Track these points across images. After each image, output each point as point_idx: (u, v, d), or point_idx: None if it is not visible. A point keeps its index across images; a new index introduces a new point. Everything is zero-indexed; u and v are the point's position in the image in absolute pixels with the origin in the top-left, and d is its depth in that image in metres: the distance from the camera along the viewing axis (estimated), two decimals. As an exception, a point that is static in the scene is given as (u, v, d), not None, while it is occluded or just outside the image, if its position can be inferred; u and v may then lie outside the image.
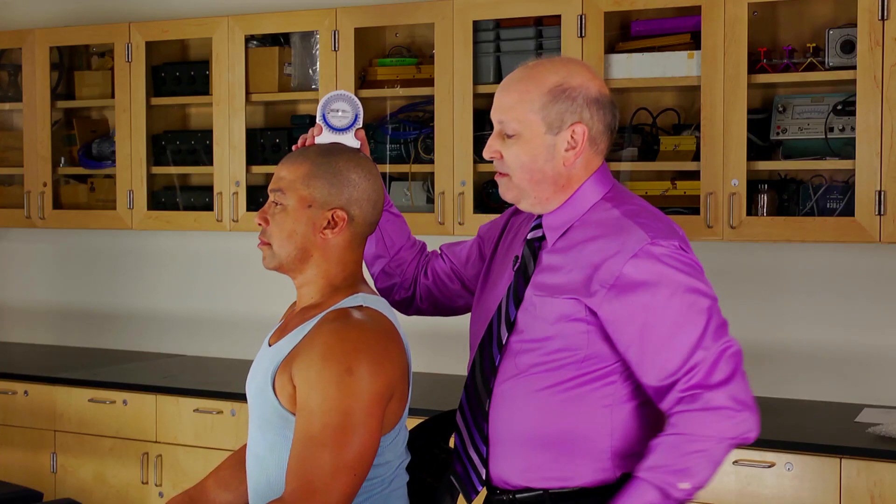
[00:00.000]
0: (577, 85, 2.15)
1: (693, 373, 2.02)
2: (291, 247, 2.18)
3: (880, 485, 3.13)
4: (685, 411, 2.02)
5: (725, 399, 2.01)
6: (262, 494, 2.17)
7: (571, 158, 2.15)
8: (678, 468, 2.01)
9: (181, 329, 4.92)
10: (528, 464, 2.15)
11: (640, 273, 2.06)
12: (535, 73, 2.18)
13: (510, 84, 2.20)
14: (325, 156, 2.20)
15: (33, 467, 4.41)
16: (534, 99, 2.15)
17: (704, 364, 2.02)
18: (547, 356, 2.13)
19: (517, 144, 2.16)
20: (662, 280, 2.05)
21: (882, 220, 3.42)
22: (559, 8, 3.80)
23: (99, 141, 4.84)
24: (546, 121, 2.14)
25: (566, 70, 2.17)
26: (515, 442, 2.16)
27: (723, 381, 2.02)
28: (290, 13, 4.33)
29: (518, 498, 2.17)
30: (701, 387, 2.02)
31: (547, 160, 2.15)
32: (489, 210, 4.01)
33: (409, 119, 4.23)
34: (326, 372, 2.03)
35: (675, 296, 2.05)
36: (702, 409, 2.01)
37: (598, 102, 2.16)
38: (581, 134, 2.15)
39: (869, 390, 3.76)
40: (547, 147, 2.15)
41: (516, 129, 2.16)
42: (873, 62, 3.41)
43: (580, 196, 2.18)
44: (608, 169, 2.24)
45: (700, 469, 2.01)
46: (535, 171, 2.16)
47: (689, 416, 2.02)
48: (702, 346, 2.03)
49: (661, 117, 3.93)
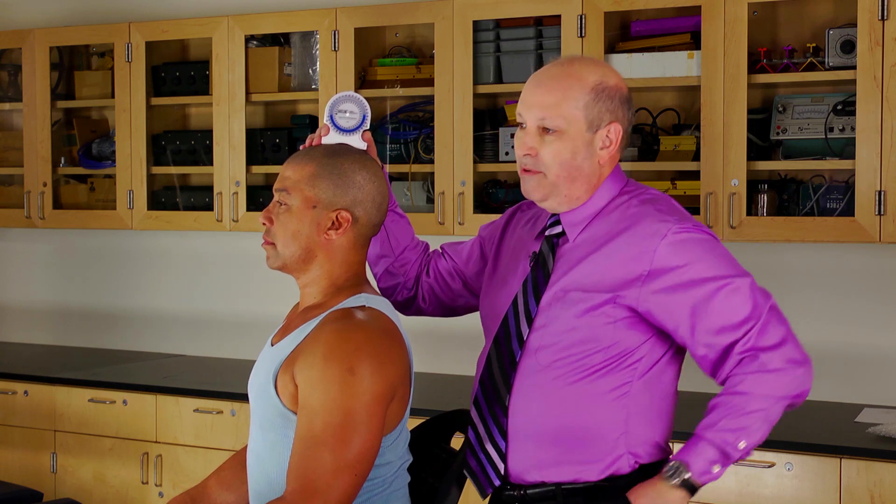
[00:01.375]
0: (613, 84, 2.20)
1: (748, 336, 2.11)
2: (295, 247, 2.19)
3: (880, 485, 3.13)
4: (743, 374, 2.11)
5: (780, 361, 2.11)
6: (263, 494, 2.17)
7: (605, 157, 2.21)
8: (737, 427, 2.09)
9: (181, 329, 4.92)
10: (544, 458, 2.18)
11: (675, 255, 2.12)
12: (575, 71, 2.20)
13: (549, 81, 2.20)
14: (331, 156, 2.20)
15: (33, 467, 4.41)
16: (578, 97, 2.17)
17: (756, 327, 2.11)
18: (568, 349, 2.16)
19: (559, 141, 2.18)
20: (698, 257, 2.13)
21: (882, 220, 3.42)
22: (559, 8, 3.80)
23: (99, 141, 4.85)
24: (588, 118, 2.18)
25: (601, 69, 2.22)
26: (534, 437, 2.19)
27: (777, 344, 2.11)
28: (290, 13, 4.33)
29: (529, 494, 2.20)
30: (757, 349, 2.11)
31: (585, 157, 2.19)
32: (489, 210, 4.01)
33: (409, 119, 4.24)
34: (328, 371, 2.04)
35: (714, 268, 2.12)
36: (758, 371, 2.10)
37: (629, 102, 2.23)
38: (616, 133, 2.20)
39: (869, 390, 3.77)
40: (586, 144, 2.19)
41: (560, 125, 2.17)
42: (873, 62, 3.41)
43: (601, 192, 2.22)
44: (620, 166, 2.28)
45: (757, 428, 2.10)
46: (573, 168, 2.19)
47: (747, 378, 2.10)
48: (752, 309, 2.12)
49: (661, 117, 3.93)
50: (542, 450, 2.18)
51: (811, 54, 3.60)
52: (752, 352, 2.10)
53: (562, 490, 2.17)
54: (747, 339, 2.10)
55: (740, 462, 3.25)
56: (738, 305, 2.11)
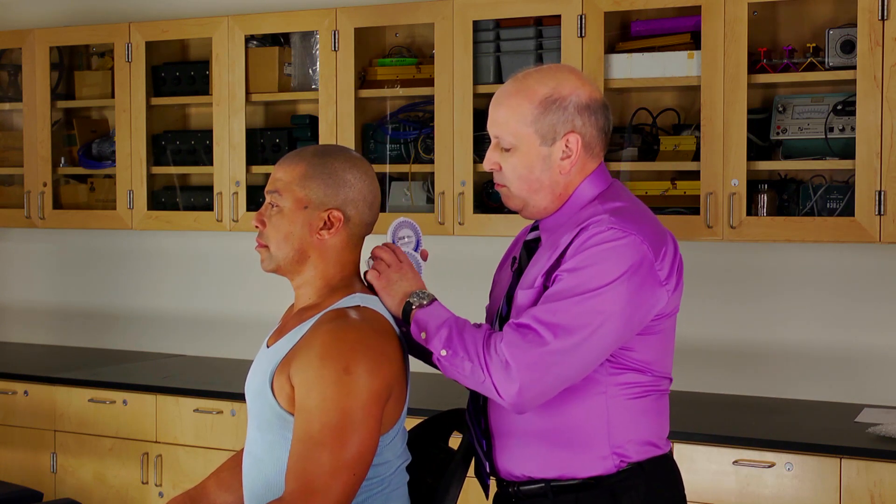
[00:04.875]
0: (567, 94, 2.18)
1: (532, 315, 2.10)
2: (288, 248, 2.19)
3: (880, 485, 3.13)
4: (498, 335, 2.11)
5: (503, 356, 2.07)
6: (260, 495, 2.17)
7: (567, 167, 2.20)
8: (460, 342, 2.12)
9: (181, 329, 4.92)
10: (528, 456, 2.19)
11: (576, 246, 2.10)
12: (525, 87, 2.20)
13: (501, 98, 2.23)
14: (321, 156, 2.21)
15: (33, 467, 4.41)
16: (525, 112, 2.18)
17: (545, 322, 2.07)
18: None
19: (514, 157, 2.20)
20: (595, 262, 2.07)
21: (882, 220, 3.42)
22: (559, 8, 3.80)
23: (99, 141, 4.84)
24: (539, 133, 2.18)
25: (555, 80, 2.19)
26: (514, 435, 2.21)
27: (523, 346, 2.07)
28: (290, 13, 4.33)
29: (522, 490, 2.22)
30: (518, 327, 2.10)
31: (543, 170, 2.19)
32: (489, 210, 4.01)
33: (409, 119, 4.23)
34: (324, 372, 2.04)
35: (596, 279, 2.07)
36: (494, 343, 2.10)
37: (589, 108, 2.19)
38: (575, 142, 2.18)
39: (869, 390, 3.76)
40: (543, 158, 2.19)
41: (511, 142, 2.20)
42: (873, 62, 3.41)
43: (575, 198, 2.22)
44: (605, 169, 2.26)
45: (454, 356, 2.12)
46: (532, 182, 2.20)
47: (493, 338, 2.11)
48: (572, 318, 2.06)
49: (661, 117, 3.92)
50: (525, 447, 2.20)
51: (811, 54, 3.60)
52: (515, 327, 2.09)
53: (551, 487, 2.18)
54: (529, 316, 2.08)
55: (740, 462, 3.26)
56: (567, 305, 2.06)
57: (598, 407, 2.15)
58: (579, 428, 2.15)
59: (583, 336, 2.05)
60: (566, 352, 2.05)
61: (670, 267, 2.14)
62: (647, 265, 2.09)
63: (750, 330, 3.92)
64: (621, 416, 2.15)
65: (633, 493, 2.16)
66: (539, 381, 2.06)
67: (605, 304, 2.06)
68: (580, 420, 2.15)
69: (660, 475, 2.22)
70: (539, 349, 2.05)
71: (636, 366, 2.16)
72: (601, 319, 2.06)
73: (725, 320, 3.95)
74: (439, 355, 2.13)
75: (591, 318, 2.05)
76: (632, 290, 2.07)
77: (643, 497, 2.17)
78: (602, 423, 2.15)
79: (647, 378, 2.18)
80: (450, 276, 4.17)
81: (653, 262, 2.10)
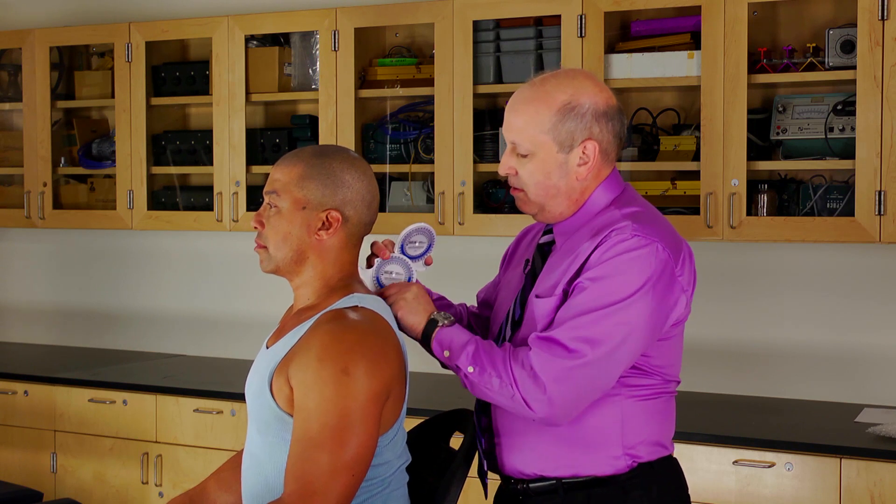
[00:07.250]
0: (585, 101, 2.18)
1: (557, 328, 2.11)
2: (287, 249, 2.19)
3: (880, 485, 3.13)
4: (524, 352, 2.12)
5: (532, 372, 2.09)
6: (259, 495, 2.17)
7: (584, 173, 2.20)
8: (486, 360, 2.13)
9: (181, 329, 4.92)
10: (540, 455, 2.21)
11: (599, 254, 2.10)
12: (543, 93, 2.20)
13: (519, 104, 2.22)
14: (319, 157, 2.20)
15: (33, 467, 4.41)
16: (543, 120, 2.18)
17: (570, 333, 2.08)
18: None
19: (531, 163, 2.20)
20: (614, 269, 2.08)
21: (882, 220, 3.42)
22: (559, 8, 3.80)
23: (99, 141, 4.84)
24: (557, 140, 2.18)
25: (573, 87, 2.19)
26: (522, 433, 2.22)
27: (551, 362, 2.08)
28: (290, 13, 4.33)
29: (532, 488, 2.23)
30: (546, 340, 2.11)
31: (561, 177, 2.20)
32: (489, 210, 4.02)
33: (409, 119, 4.23)
34: (323, 373, 2.04)
35: (617, 291, 2.07)
36: (522, 358, 2.11)
37: (606, 115, 2.20)
38: (592, 149, 2.19)
39: (869, 390, 3.76)
40: (560, 164, 2.19)
41: (529, 149, 2.20)
42: (873, 62, 3.41)
43: (590, 203, 2.22)
44: (618, 173, 2.28)
45: (480, 376, 2.14)
46: (549, 188, 2.20)
47: (520, 353, 2.12)
48: (599, 333, 2.07)
49: (661, 117, 3.93)
50: (538, 447, 2.20)
51: (811, 54, 3.60)
52: (541, 341, 2.09)
53: (563, 484, 2.19)
54: (555, 329, 2.09)
55: (740, 462, 3.26)
56: (594, 318, 2.07)
57: (613, 409, 2.16)
58: (594, 429, 2.17)
59: (610, 348, 2.08)
60: (594, 364, 2.07)
61: (688, 272, 2.18)
62: (668, 272, 2.12)
63: (750, 330, 3.92)
64: (635, 419, 2.18)
65: (643, 491, 2.18)
66: (568, 394, 2.08)
67: (631, 315, 2.08)
68: (595, 422, 2.16)
69: (668, 474, 2.25)
70: (567, 362, 2.07)
71: (651, 370, 2.19)
72: (627, 330, 2.08)
73: (725, 320, 3.95)
74: (466, 372, 2.14)
75: (618, 329, 2.07)
76: (656, 299, 2.10)
77: (654, 495, 2.19)
78: (616, 425, 2.17)
79: (660, 381, 2.21)
80: (450, 276, 4.16)
81: (674, 269, 2.13)
